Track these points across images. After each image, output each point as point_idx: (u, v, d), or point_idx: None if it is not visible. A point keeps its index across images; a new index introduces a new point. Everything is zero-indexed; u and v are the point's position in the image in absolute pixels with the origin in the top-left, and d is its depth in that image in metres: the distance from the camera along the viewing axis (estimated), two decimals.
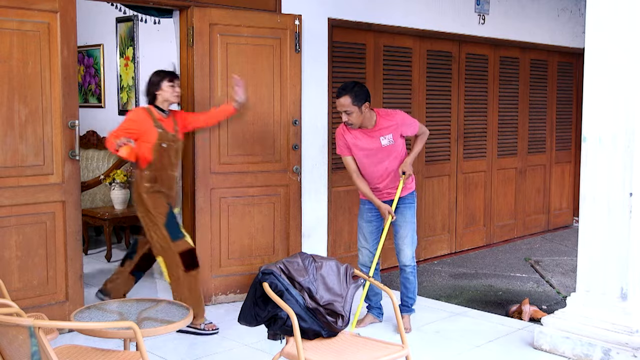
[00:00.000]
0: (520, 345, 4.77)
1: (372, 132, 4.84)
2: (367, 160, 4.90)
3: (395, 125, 4.86)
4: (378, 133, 4.84)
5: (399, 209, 5.01)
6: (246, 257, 5.69)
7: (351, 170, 4.95)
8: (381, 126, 4.84)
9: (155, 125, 4.80)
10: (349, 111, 4.72)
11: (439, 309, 5.62)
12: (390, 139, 4.84)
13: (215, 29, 5.42)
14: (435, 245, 7.59)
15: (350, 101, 4.69)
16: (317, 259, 3.67)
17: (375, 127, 4.84)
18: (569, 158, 9.50)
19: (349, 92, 4.69)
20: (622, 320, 4.32)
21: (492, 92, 8.08)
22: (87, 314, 3.62)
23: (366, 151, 4.87)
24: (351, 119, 4.74)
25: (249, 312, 3.54)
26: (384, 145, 4.85)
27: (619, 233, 4.34)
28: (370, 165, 4.91)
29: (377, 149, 4.85)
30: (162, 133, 4.82)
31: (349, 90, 4.70)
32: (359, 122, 4.79)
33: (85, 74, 8.96)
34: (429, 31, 7.12)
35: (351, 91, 4.69)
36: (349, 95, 4.69)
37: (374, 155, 4.87)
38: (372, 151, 4.86)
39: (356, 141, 4.87)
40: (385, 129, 4.84)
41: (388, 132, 4.84)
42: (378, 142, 4.83)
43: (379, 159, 4.89)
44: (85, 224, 6.94)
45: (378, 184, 4.96)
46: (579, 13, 9.01)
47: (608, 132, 4.35)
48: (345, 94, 4.69)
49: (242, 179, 5.64)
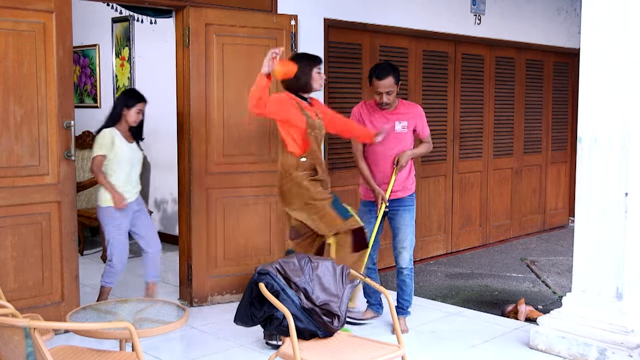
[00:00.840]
0: (516, 345, 4.78)
1: (391, 115, 4.94)
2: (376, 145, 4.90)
3: (412, 115, 4.99)
4: (395, 117, 4.94)
5: (399, 211, 5.02)
6: (242, 257, 5.69)
7: (355, 150, 5.03)
8: (400, 111, 4.97)
9: (302, 113, 4.50)
10: (390, 91, 4.81)
11: (435, 309, 5.63)
12: (405, 126, 4.95)
13: (211, 29, 5.42)
14: (431, 246, 7.59)
15: (393, 81, 4.81)
16: (313, 259, 3.67)
17: (395, 110, 4.96)
18: (565, 158, 9.52)
19: (391, 73, 4.80)
20: (617, 320, 4.32)
21: (488, 92, 8.09)
22: (83, 315, 3.61)
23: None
24: (390, 98, 4.84)
25: (245, 312, 3.54)
26: (397, 131, 4.92)
27: (615, 233, 4.35)
28: (378, 147, 4.92)
29: (391, 135, 4.89)
30: (310, 121, 4.52)
31: (391, 71, 4.81)
32: (394, 103, 4.92)
33: (81, 74, 8.95)
34: (425, 31, 7.13)
35: (393, 72, 4.82)
36: (392, 75, 4.81)
37: (385, 140, 4.88)
38: (385, 137, 4.88)
39: (372, 122, 4.93)
40: (403, 115, 4.96)
41: (405, 118, 4.95)
42: (392, 127, 4.90)
43: (387, 146, 4.91)
44: (81, 225, 6.92)
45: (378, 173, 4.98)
46: (575, 13, 9.03)
47: (603, 132, 4.36)
48: (388, 75, 4.79)
49: (238, 179, 5.63)
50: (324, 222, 4.50)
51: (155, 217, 7.97)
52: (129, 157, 5.11)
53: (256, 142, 5.68)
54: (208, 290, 5.59)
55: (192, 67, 5.38)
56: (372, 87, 4.87)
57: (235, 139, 5.58)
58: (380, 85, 4.81)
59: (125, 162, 5.08)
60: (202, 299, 5.58)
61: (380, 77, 4.80)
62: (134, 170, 5.17)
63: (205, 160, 5.49)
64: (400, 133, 4.94)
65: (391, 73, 4.81)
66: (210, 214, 5.53)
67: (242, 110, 5.57)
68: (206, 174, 5.50)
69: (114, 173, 5.06)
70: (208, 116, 5.46)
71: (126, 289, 6.04)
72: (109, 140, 5.03)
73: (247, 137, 5.62)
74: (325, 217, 4.49)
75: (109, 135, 5.04)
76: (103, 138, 5.05)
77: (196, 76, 5.40)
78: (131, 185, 5.16)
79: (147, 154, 8.14)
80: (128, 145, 5.12)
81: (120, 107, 5.12)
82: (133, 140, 5.19)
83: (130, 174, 5.14)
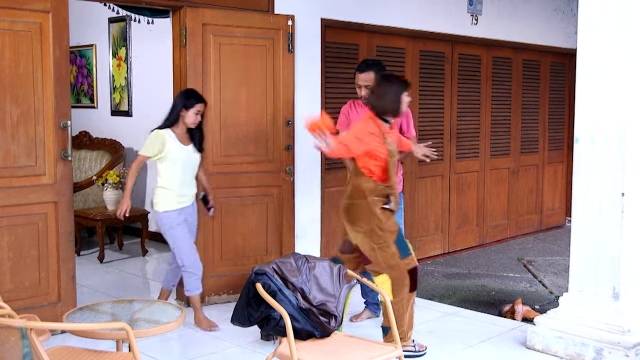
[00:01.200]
0: (513, 345, 4.78)
1: None
2: None
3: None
4: None
5: None
6: (239, 257, 5.68)
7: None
8: None
9: (385, 142, 4.32)
10: (370, 86, 4.80)
11: (432, 309, 5.63)
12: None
13: (208, 29, 5.42)
14: (428, 246, 7.59)
15: (373, 76, 4.82)
16: (310, 260, 3.67)
17: None
18: (562, 158, 9.52)
19: (373, 68, 4.86)
20: (614, 319, 4.33)
21: (485, 92, 8.10)
22: (80, 315, 3.60)
23: None
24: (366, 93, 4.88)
25: (242, 312, 3.54)
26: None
27: (611, 233, 4.35)
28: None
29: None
30: (390, 149, 4.35)
31: (374, 66, 4.88)
32: None
33: (78, 74, 8.94)
34: (422, 31, 7.13)
35: (376, 68, 4.88)
36: (373, 71, 4.85)
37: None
38: None
39: (358, 118, 4.90)
40: None
41: None
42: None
43: None
44: (78, 225, 6.92)
45: None
46: (571, 14, 9.04)
47: (600, 132, 4.37)
48: (369, 70, 4.86)
49: (236, 180, 5.63)
50: (383, 254, 4.37)
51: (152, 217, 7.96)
52: (183, 160, 4.87)
53: (254, 142, 5.68)
54: (205, 291, 5.58)
55: (189, 67, 5.37)
56: (355, 80, 4.95)
57: (233, 139, 5.58)
58: (360, 79, 4.89)
59: (179, 165, 4.86)
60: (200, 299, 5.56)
61: (361, 70, 4.90)
62: (188, 173, 4.94)
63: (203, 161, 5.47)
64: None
65: (373, 68, 4.87)
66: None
67: (239, 110, 5.58)
68: (204, 174, 5.48)
69: (167, 176, 4.88)
70: (205, 116, 5.45)
71: (123, 289, 6.04)
72: (159, 142, 4.81)
73: (244, 137, 5.62)
74: (385, 250, 4.36)
75: (160, 137, 4.82)
76: (152, 139, 4.84)
77: (193, 76, 5.39)
78: (186, 189, 4.96)
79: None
80: (182, 147, 4.87)
81: (179, 108, 4.87)
82: (190, 143, 4.94)
83: (184, 177, 4.92)
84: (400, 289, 4.38)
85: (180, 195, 4.91)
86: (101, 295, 5.76)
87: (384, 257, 4.36)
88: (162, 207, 4.89)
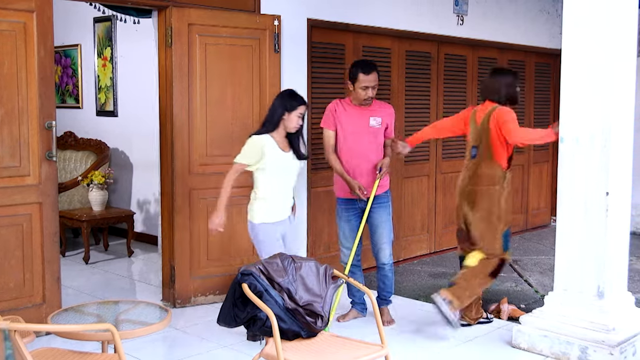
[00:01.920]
0: (499, 344, 4.80)
1: (366, 110, 5.07)
2: (351, 138, 5.04)
3: (386, 113, 5.15)
4: (370, 112, 5.08)
5: (375, 208, 5.10)
6: (225, 258, 5.67)
7: (327, 145, 5.12)
8: (375, 108, 5.12)
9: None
10: (376, 86, 5.00)
11: (418, 308, 5.64)
12: (379, 122, 5.08)
13: (194, 29, 5.40)
14: (415, 245, 7.61)
15: (377, 76, 5.00)
16: (297, 260, 3.67)
17: (370, 107, 5.09)
18: (547, 158, 9.57)
19: (376, 69, 5.01)
20: (599, 318, 4.36)
21: (471, 92, 8.12)
22: (65, 317, 3.59)
23: (353, 128, 5.04)
24: (374, 93, 5.02)
25: (228, 313, 3.53)
26: (371, 126, 5.05)
27: (596, 232, 4.38)
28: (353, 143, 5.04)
29: (364, 130, 5.03)
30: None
31: (375, 67, 5.02)
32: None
33: (63, 74, 8.89)
34: (408, 32, 7.14)
35: (376, 67, 5.04)
36: (376, 71, 5.00)
37: (358, 134, 5.03)
38: (358, 131, 5.03)
39: (347, 118, 5.05)
40: (378, 112, 5.11)
41: (379, 115, 5.09)
42: (367, 121, 5.03)
43: (361, 142, 5.04)
44: (63, 226, 6.88)
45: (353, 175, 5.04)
46: (556, 14, 9.09)
47: (585, 132, 4.39)
48: (374, 70, 4.98)
49: (221, 180, 5.57)
50: (491, 239, 4.92)
51: (138, 218, 7.94)
52: (282, 168, 4.53)
53: (240, 142, 5.61)
54: (191, 291, 5.57)
55: (175, 67, 5.35)
56: (357, 82, 4.96)
57: (218, 139, 5.56)
58: (367, 80, 4.94)
59: (278, 173, 4.52)
60: (185, 300, 5.55)
61: (367, 72, 4.95)
62: (288, 182, 4.61)
63: (188, 161, 5.46)
64: (375, 128, 5.08)
65: (375, 69, 5.00)
66: (193, 215, 5.51)
67: (224, 110, 5.57)
68: (189, 174, 5.48)
69: (266, 186, 4.53)
70: (191, 116, 5.44)
71: (109, 291, 6.01)
72: (258, 150, 4.47)
73: (230, 137, 5.60)
74: (495, 237, 4.92)
75: (259, 144, 4.47)
76: (251, 146, 4.50)
77: (179, 76, 5.37)
78: (285, 198, 4.62)
79: (129, 154, 8.14)
80: (282, 154, 4.51)
81: (281, 111, 4.51)
82: (290, 149, 4.58)
83: (284, 186, 4.58)
84: (484, 270, 4.90)
85: (279, 207, 4.56)
86: (86, 297, 5.73)
87: (490, 243, 4.90)
88: (259, 218, 4.52)
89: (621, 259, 4.54)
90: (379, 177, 4.99)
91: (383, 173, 5.00)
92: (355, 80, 4.96)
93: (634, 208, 8.89)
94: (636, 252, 7.95)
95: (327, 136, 5.12)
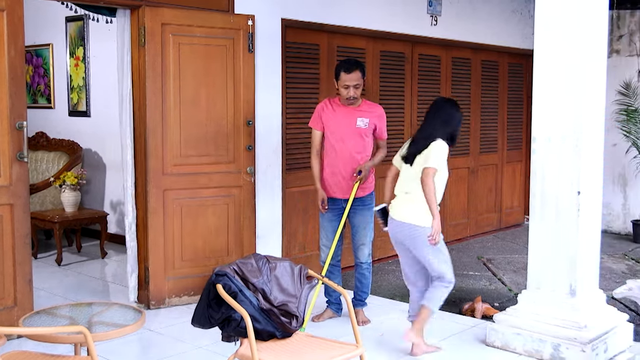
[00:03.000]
0: (473, 342, 4.83)
1: (354, 111, 5.05)
2: (336, 137, 5.03)
3: (375, 114, 5.12)
4: (358, 113, 5.06)
5: (359, 209, 5.11)
6: (200, 258, 5.64)
7: (313, 146, 5.14)
8: (364, 109, 5.09)
9: None
10: (358, 85, 4.95)
11: (393, 308, 5.66)
12: (367, 123, 5.05)
13: (167, 29, 5.37)
14: (390, 245, 7.58)
15: (360, 75, 4.95)
16: (271, 260, 3.66)
17: (359, 107, 5.07)
18: (520, 157, 9.66)
19: (359, 67, 4.96)
20: (571, 316, 4.41)
21: (445, 92, 8.17)
22: (37, 319, 3.54)
23: (339, 128, 5.03)
24: (357, 92, 4.97)
25: (202, 314, 3.51)
26: (357, 126, 5.03)
27: (568, 231, 4.43)
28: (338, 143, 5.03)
29: (351, 130, 5.02)
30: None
31: (358, 65, 4.97)
32: (358, 100, 5.05)
33: (34, 74, 8.79)
34: (382, 32, 7.16)
35: (360, 66, 4.98)
36: (360, 70, 4.96)
37: (344, 134, 5.03)
38: (344, 130, 5.03)
39: (334, 118, 5.05)
40: (366, 112, 5.08)
41: (367, 116, 5.07)
42: (354, 122, 5.02)
43: (348, 142, 5.03)
44: (35, 227, 6.79)
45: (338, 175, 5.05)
46: (529, 15, 9.17)
47: (557, 131, 4.44)
48: (356, 69, 4.93)
49: (196, 180, 5.59)
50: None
51: (111, 219, 7.87)
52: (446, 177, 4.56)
53: (214, 142, 5.64)
54: (165, 292, 5.54)
55: (148, 67, 5.32)
56: (340, 81, 4.97)
57: (192, 140, 5.54)
58: (348, 79, 4.93)
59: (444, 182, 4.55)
60: (160, 301, 5.52)
61: (348, 70, 4.94)
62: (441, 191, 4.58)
63: (161, 161, 5.43)
64: (362, 129, 5.05)
65: (358, 67, 4.96)
66: (167, 215, 5.48)
67: (198, 110, 5.54)
68: (163, 174, 5.44)
69: (438, 190, 4.48)
70: (164, 116, 5.41)
71: (82, 292, 5.95)
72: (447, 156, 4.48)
73: (204, 137, 5.58)
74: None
75: (447, 151, 4.47)
76: (444, 150, 4.44)
77: (152, 76, 5.34)
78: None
79: (102, 154, 8.08)
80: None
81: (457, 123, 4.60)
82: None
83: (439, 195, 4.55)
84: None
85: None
86: (59, 299, 5.67)
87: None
88: (426, 222, 4.47)
89: (593, 257, 4.60)
90: (358, 181, 4.99)
91: (363, 177, 5.00)
92: (338, 78, 4.98)
93: (605, 207, 9.05)
94: (607, 250, 8.06)
95: (312, 136, 5.14)
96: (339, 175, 5.05)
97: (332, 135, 5.06)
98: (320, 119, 5.09)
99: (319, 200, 5.08)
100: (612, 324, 4.56)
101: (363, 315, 5.23)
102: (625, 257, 7.92)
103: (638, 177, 9.13)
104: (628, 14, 9.21)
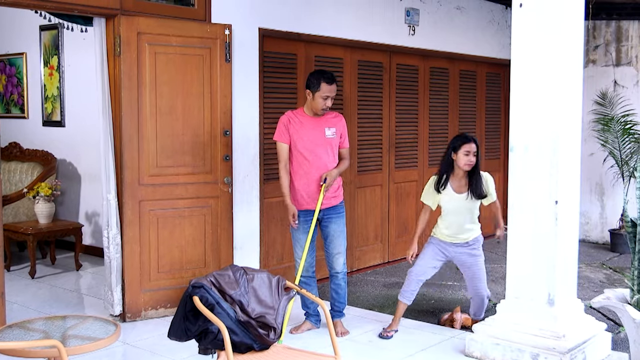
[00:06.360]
0: (452, 353, 4.81)
1: (320, 120, 5.09)
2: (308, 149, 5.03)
3: (340, 124, 5.18)
4: (325, 123, 5.10)
5: (332, 218, 5.09)
6: (176, 270, 5.58)
7: (281, 159, 5.11)
8: (329, 118, 5.13)
9: None
10: (334, 97, 5.03)
11: (372, 319, 5.63)
12: (334, 132, 5.11)
13: (143, 38, 5.31)
14: (368, 255, 7.61)
15: (336, 87, 5.03)
16: (249, 271, 3.62)
17: (324, 117, 5.11)
18: (498, 167, 9.69)
19: (335, 80, 5.03)
20: (549, 325, 4.40)
21: (423, 102, 8.18)
22: (9, 333, 3.47)
23: (309, 139, 5.03)
24: (331, 103, 5.05)
25: (179, 326, 3.47)
26: (327, 137, 5.07)
27: (546, 240, 4.43)
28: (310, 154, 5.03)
29: (320, 139, 5.05)
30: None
31: (335, 78, 5.05)
32: None
33: (7, 83, 8.68)
34: (360, 42, 7.17)
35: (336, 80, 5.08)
36: (336, 82, 5.04)
37: (315, 145, 5.04)
38: (315, 141, 5.04)
39: (302, 129, 5.05)
40: (331, 122, 5.13)
41: (333, 125, 5.12)
42: (322, 131, 5.06)
43: (318, 152, 5.04)
44: (8, 240, 6.68)
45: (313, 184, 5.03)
46: (506, 25, 9.24)
47: (534, 141, 4.45)
48: (335, 81, 5.01)
49: (172, 191, 5.53)
50: None
51: (87, 230, 7.77)
52: (454, 209, 5.16)
53: (190, 153, 5.59)
54: (141, 305, 5.46)
55: (124, 76, 5.26)
56: (319, 91, 4.96)
57: (169, 150, 5.48)
58: (329, 90, 4.97)
59: (450, 213, 5.17)
60: (136, 313, 5.44)
61: (330, 82, 4.98)
62: (459, 219, 5.20)
63: (137, 172, 5.36)
64: (330, 138, 5.09)
65: (335, 80, 5.03)
66: (143, 227, 5.41)
67: (175, 120, 5.49)
68: (139, 185, 5.38)
69: (442, 219, 5.22)
70: (140, 126, 5.35)
71: (56, 306, 5.85)
72: (432, 191, 5.19)
73: (181, 148, 5.52)
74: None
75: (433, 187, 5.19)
76: (428, 186, 5.25)
77: (128, 86, 5.28)
78: (459, 231, 5.24)
79: (77, 165, 7.98)
80: (454, 195, 5.13)
81: (448, 152, 5.12)
82: (466, 190, 5.13)
83: (455, 223, 5.20)
84: None
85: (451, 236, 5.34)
86: (32, 312, 5.57)
87: None
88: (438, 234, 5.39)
89: (571, 267, 4.61)
90: (323, 189, 4.98)
91: (328, 184, 4.99)
92: (317, 89, 4.95)
93: (582, 216, 9.11)
94: (585, 259, 8.10)
95: (280, 150, 5.08)
96: (314, 184, 5.02)
97: (303, 147, 5.03)
98: (287, 132, 5.05)
99: (290, 215, 5.04)
100: (591, 333, 4.57)
101: (342, 326, 5.20)
102: (603, 266, 7.96)
103: (615, 187, 9.20)
104: (604, 25, 9.31)
